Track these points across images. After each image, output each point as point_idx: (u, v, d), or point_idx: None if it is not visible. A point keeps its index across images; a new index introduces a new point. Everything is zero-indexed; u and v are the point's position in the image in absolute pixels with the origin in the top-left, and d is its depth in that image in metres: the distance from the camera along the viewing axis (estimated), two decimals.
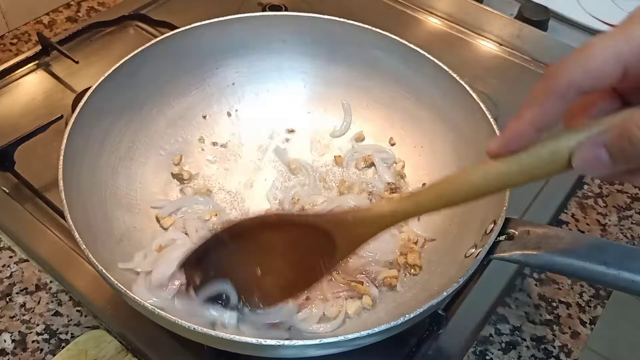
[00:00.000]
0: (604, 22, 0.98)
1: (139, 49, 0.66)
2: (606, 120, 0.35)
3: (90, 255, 0.49)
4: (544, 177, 0.38)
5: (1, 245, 0.65)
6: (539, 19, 0.96)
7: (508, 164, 0.38)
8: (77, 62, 0.82)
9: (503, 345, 0.61)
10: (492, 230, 0.52)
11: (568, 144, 0.35)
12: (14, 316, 0.60)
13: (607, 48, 0.33)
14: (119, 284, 0.48)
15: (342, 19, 0.72)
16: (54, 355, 0.57)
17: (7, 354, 0.57)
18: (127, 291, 0.48)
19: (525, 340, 0.61)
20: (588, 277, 0.47)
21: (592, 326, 0.63)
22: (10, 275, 0.63)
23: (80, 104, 0.60)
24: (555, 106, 0.35)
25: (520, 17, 0.97)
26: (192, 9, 0.97)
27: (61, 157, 0.55)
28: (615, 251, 0.46)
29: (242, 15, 0.72)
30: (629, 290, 0.45)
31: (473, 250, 0.55)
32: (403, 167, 0.73)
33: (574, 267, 0.47)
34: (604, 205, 0.75)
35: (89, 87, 0.62)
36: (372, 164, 0.73)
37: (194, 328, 0.45)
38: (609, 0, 1.03)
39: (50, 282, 0.63)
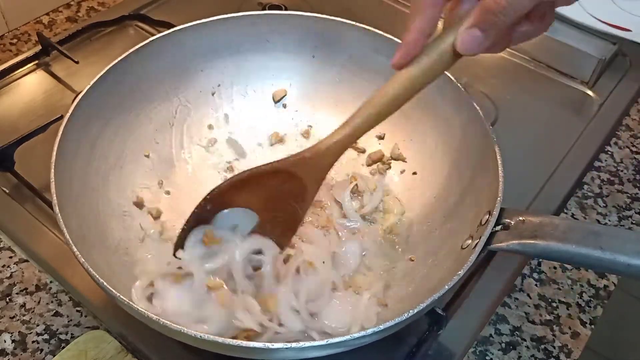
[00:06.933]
0: (604, 22, 0.98)
1: (124, 55, 0.65)
2: (471, 11, 0.44)
3: (89, 267, 0.49)
4: (442, 71, 0.48)
5: (1, 245, 0.65)
6: None
7: (412, 70, 0.48)
8: (77, 62, 0.82)
9: (503, 345, 0.61)
10: (487, 220, 0.52)
11: (450, 38, 0.45)
12: (14, 316, 0.60)
13: None
14: (118, 294, 0.47)
15: (324, 16, 0.72)
16: (54, 356, 0.57)
17: (7, 354, 0.57)
18: (128, 300, 0.47)
19: (525, 340, 0.61)
20: (585, 262, 0.48)
21: (592, 326, 0.63)
22: (10, 276, 0.63)
23: (68, 114, 0.59)
24: (433, 13, 0.45)
25: None
26: (192, 8, 0.97)
27: (52, 167, 0.55)
28: (611, 236, 0.47)
29: (225, 15, 0.71)
30: (626, 273, 0.46)
31: (469, 241, 0.55)
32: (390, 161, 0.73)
33: (571, 253, 0.47)
34: (604, 205, 0.75)
35: (79, 94, 0.61)
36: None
37: (194, 334, 0.45)
38: (609, 0, 1.03)
39: (50, 282, 0.63)
